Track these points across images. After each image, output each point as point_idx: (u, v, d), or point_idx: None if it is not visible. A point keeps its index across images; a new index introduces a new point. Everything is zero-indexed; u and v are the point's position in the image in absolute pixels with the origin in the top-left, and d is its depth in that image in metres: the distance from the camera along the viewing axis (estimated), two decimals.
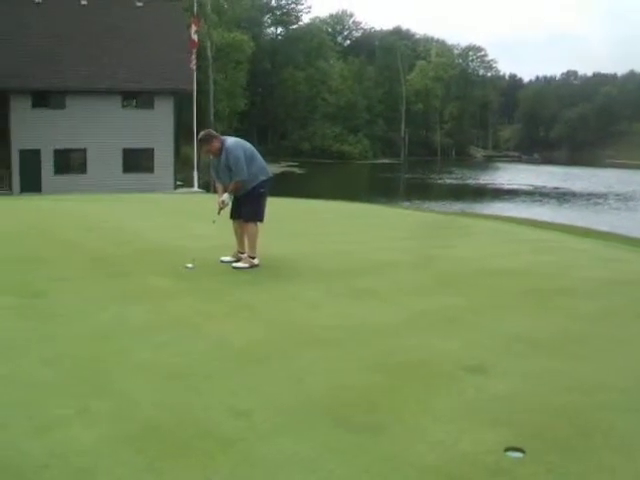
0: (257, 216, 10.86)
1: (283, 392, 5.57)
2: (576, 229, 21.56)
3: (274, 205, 11.65)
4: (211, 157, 10.99)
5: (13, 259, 11.05)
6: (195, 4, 46.17)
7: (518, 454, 4.62)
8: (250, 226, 10.79)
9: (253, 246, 10.73)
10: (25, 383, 5.61)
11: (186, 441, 4.63)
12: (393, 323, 7.80)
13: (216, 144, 10.67)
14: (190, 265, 10.23)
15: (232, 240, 11.01)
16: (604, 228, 25.71)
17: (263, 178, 10.89)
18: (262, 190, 10.90)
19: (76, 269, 10.34)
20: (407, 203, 47.71)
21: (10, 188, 45.24)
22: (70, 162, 47.03)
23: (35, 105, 45.96)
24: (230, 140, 10.87)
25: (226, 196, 10.65)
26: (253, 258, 10.69)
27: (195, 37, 42.54)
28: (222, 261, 10.89)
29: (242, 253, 10.95)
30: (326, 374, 6.04)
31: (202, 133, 10.97)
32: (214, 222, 10.72)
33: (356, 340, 7.12)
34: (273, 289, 9.38)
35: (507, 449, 4.66)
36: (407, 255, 12.46)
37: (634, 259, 13.35)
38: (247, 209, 10.80)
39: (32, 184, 44.65)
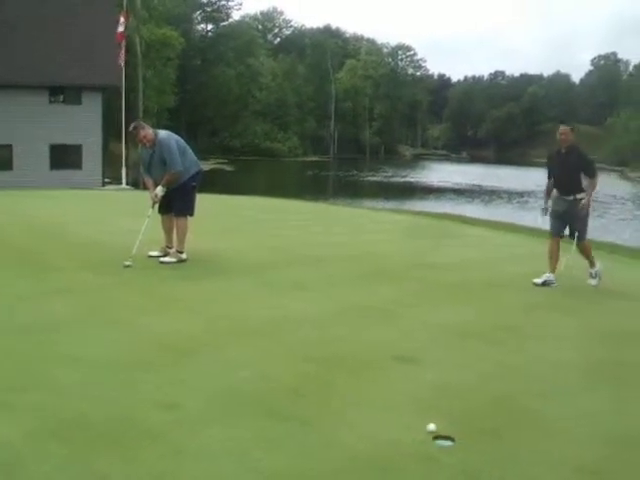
0: (188, 210, 10.88)
1: (212, 384, 5.52)
2: (499, 225, 21.88)
3: (203, 201, 11.60)
4: (141, 149, 10.89)
5: None
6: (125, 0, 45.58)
7: (447, 442, 4.68)
8: (181, 220, 10.77)
9: (182, 240, 10.69)
10: None
11: (113, 433, 4.55)
12: (323, 315, 7.83)
13: (149, 133, 10.62)
14: (128, 263, 10.10)
15: (160, 235, 10.93)
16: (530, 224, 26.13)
17: (194, 172, 10.89)
18: (194, 184, 10.88)
19: (2, 264, 10.15)
20: (336, 200, 47.79)
21: None
22: None
23: None
24: (162, 132, 10.85)
25: (160, 189, 10.56)
26: (181, 253, 10.64)
27: (122, 30, 41.92)
28: (150, 256, 10.78)
29: (170, 248, 10.89)
30: (255, 365, 6.01)
31: (135, 122, 10.97)
32: (148, 217, 10.66)
33: (285, 331, 7.13)
34: (203, 283, 9.33)
35: (436, 437, 4.71)
36: (337, 249, 12.52)
37: None
38: (178, 203, 10.77)
39: None
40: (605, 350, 7.16)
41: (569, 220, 10.41)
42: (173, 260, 10.55)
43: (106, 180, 47.85)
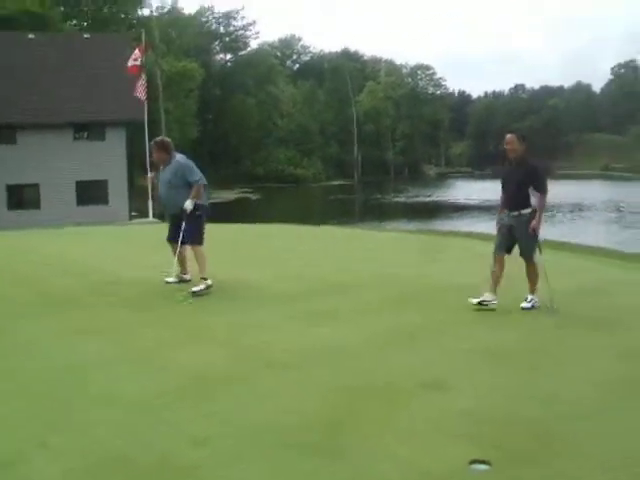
0: (201, 237, 11.06)
1: (243, 418, 5.56)
2: None
3: (229, 230, 11.70)
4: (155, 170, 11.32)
5: None
6: (143, 35, 46.04)
7: (484, 466, 4.70)
8: (197, 248, 10.94)
9: (204, 267, 10.82)
10: None
11: (147, 471, 4.63)
12: (352, 344, 7.86)
13: (168, 154, 11.05)
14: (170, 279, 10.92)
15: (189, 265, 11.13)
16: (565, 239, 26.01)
17: (202, 202, 11.06)
18: (199, 213, 10.99)
19: (34, 304, 10.27)
20: (362, 224, 47.81)
21: None
22: (23, 197, 46.54)
23: None
24: (180, 155, 11.20)
25: (189, 203, 10.72)
26: (206, 279, 10.73)
27: (136, 63, 42.11)
28: (167, 282, 11.06)
29: (185, 274, 11.27)
30: (286, 398, 6.05)
31: (159, 138, 11.37)
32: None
33: (316, 362, 7.14)
34: (232, 314, 9.38)
35: (472, 462, 4.73)
36: (364, 275, 12.54)
37: (595, 268, 13.54)
38: (191, 232, 10.90)
39: None
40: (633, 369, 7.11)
41: (517, 237, 9.63)
42: (202, 287, 10.59)
43: (133, 214, 48.18)
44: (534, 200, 9.54)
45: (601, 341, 8.01)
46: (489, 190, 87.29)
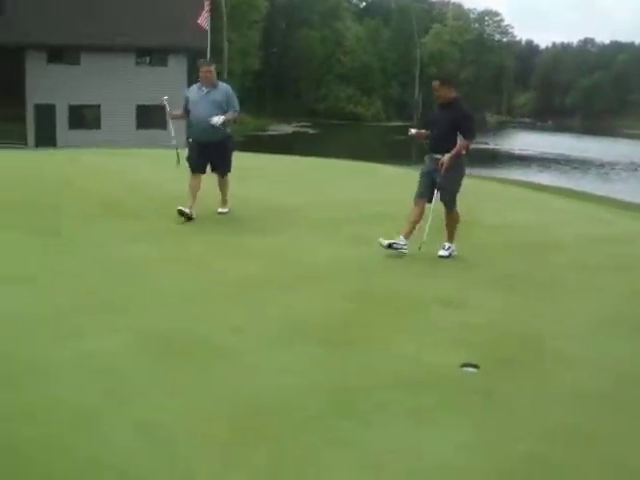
0: (230, 168, 11.24)
1: (273, 315, 6.42)
2: (574, 193, 22.17)
3: (282, 162, 12.18)
4: (191, 91, 11.30)
5: (35, 204, 11.74)
6: None
7: (473, 369, 5.35)
8: (226, 179, 11.30)
9: (227, 195, 11.38)
10: (53, 304, 6.46)
11: (189, 349, 5.51)
12: (379, 264, 8.52)
13: (213, 73, 10.94)
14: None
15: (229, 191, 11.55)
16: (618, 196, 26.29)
17: (230, 132, 11.29)
18: (232, 143, 11.37)
19: (95, 213, 11.05)
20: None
21: (25, 142, 45.89)
22: (84, 117, 47.60)
23: (50, 61, 46.51)
24: (222, 82, 11.29)
25: (220, 118, 10.48)
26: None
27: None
28: (220, 212, 11.40)
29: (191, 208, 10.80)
30: (316, 302, 6.89)
31: (206, 60, 11.47)
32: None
33: (342, 276, 7.95)
34: (274, 235, 10.12)
35: (463, 365, 5.38)
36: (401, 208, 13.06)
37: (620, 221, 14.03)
38: (222, 162, 11.09)
39: (47, 139, 45.23)
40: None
41: (438, 182, 9.16)
42: (226, 210, 11.29)
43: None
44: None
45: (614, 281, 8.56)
46: (546, 142, 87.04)
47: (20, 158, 19.91)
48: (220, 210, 11.27)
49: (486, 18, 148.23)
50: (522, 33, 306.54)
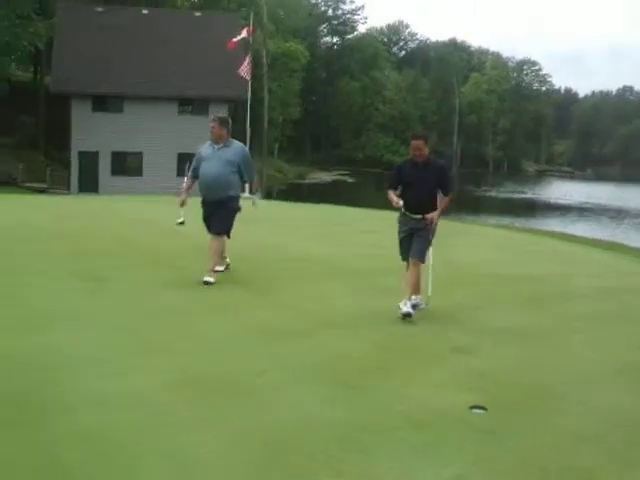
0: (228, 231, 10.68)
1: (295, 359, 6.93)
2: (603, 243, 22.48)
3: (320, 211, 12.65)
4: (202, 146, 10.86)
5: (77, 252, 12.39)
6: (252, 14, 47.40)
7: (480, 411, 5.77)
8: (224, 239, 10.72)
9: (217, 260, 10.63)
10: (99, 344, 7.12)
11: (219, 388, 6.03)
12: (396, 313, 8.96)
13: (228, 132, 10.55)
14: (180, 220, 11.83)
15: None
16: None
17: (239, 195, 10.79)
18: (239, 205, 10.73)
19: (133, 261, 11.67)
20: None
21: (68, 188, 47.02)
22: (127, 164, 48.79)
23: (95, 109, 47.81)
24: (237, 141, 10.95)
25: (253, 198, 10.86)
26: (216, 272, 10.52)
27: (235, 40, 43.06)
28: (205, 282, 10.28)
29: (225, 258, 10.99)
30: (335, 348, 7.39)
31: (220, 115, 10.97)
32: (181, 223, 12.17)
33: (365, 324, 8.44)
34: (305, 286, 10.74)
35: (472, 407, 5.80)
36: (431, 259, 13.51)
37: None
38: (221, 221, 10.51)
39: (89, 185, 46.45)
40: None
41: (415, 237, 9.00)
42: (212, 279, 10.24)
43: None
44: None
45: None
46: (585, 192, 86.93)
47: (64, 203, 20.65)
48: (206, 279, 10.18)
49: (524, 67, 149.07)
50: (560, 81, 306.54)
